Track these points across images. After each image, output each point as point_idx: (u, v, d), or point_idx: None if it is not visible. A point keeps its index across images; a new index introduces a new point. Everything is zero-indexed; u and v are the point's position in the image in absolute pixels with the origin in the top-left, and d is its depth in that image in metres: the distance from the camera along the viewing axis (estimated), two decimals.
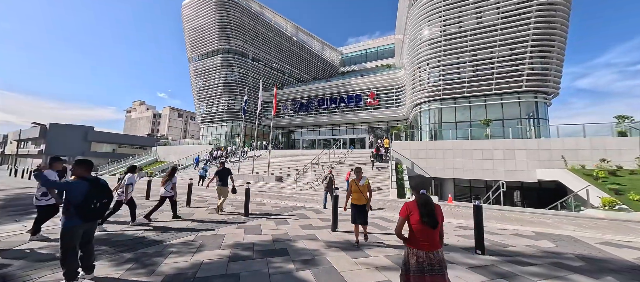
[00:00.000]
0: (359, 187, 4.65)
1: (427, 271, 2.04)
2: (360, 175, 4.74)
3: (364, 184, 4.67)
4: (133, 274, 3.22)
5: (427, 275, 2.04)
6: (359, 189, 4.65)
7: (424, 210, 2.15)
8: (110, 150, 48.45)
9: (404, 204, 2.37)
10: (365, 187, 4.67)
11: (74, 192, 2.89)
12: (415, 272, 2.09)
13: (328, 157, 19.51)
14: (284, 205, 9.22)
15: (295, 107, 32.51)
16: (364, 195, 4.63)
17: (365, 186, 4.67)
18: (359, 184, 4.65)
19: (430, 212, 2.14)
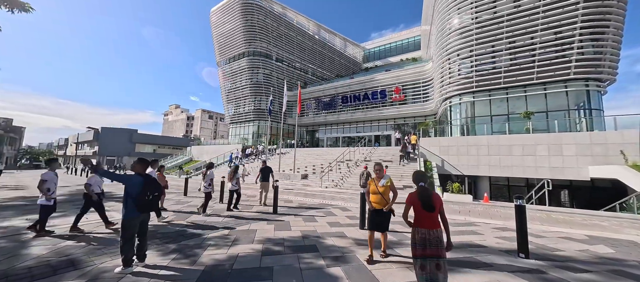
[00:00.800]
0: (378, 188, 3.82)
1: (427, 245, 2.58)
2: (381, 173, 3.91)
3: (385, 185, 3.83)
4: (178, 263, 3.51)
5: (427, 248, 2.57)
6: (379, 191, 3.82)
7: (423, 199, 2.65)
8: (151, 150, 52.97)
9: (408, 195, 2.83)
10: (387, 188, 3.84)
11: (132, 185, 3.24)
12: (420, 245, 2.62)
13: (353, 155, 19.35)
14: (311, 202, 9.35)
15: (318, 105, 32.67)
16: (386, 198, 3.81)
17: (387, 187, 3.84)
18: (379, 184, 3.84)
19: (427, 200, 2.64)
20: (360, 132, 30.48)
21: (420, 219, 2.66)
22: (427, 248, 2.55)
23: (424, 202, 2.64)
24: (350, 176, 15.91)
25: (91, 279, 3.00)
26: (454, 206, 9.15)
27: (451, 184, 12.03)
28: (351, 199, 10.43)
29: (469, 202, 10.74)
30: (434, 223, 2.63)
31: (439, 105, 21.81)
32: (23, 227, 5.10)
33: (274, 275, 3.17)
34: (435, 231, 2.60)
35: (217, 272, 3.25)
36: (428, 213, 2.63)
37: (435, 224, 2.64)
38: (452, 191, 11.62)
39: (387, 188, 3.85)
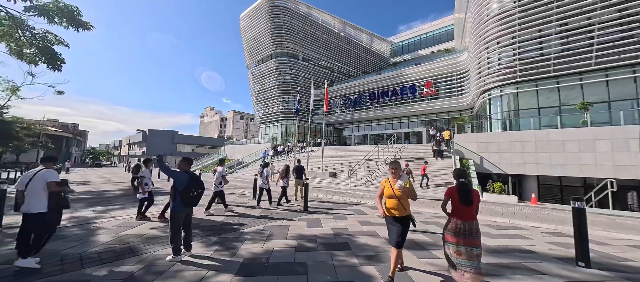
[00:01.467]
0: (395, 190, 3.06)
1: (461, 235, 2.80)
2: (399, 172, 3.16)
3: (403, 186, 3.06)
4: (219, 254, 3.77)
5: (460, 237, 2.79)
6: (395, 194, 3.05)
7: (462, 194, 2.85)
8: (190, 150, 57.38)
9: (448, 188, 3.02)
10: (406, 189, 3.06)
11: (180, 181, 3.55)
12: (451, 232, 2.88)
13: (382, 153, 18.89)
14: (340, 201, 9.35)
15: (345, 103, 32.43)
16: (404, 203, 3.06)
17: (406, 189, 3.06)
18: (396, 186, 3.09)
19: (466, 195, 2.84)
20: (389, 129, 29.61)
21: (456, 211, 2.89)
22: (460, 237, 2.81)
23: (462, 196, 2.85)
24: (379, 174, 15.57)
25: (148, 264, 3.36)
26: (496, 208, 8.46)
27: (491, 184, 11.14)
28: None
29: (514, 203, 9.85)
30: (471, 216, 2.85)
31: (476, 98, 20.28)
32: (91, 217, 5.88)
33: (309, 270, 3.25)
34: (470, 223, 2.83)
35: (255, 265, 3.42)
36: (465, 206, 2.84)
37: (472, 217, 2.86)
38: (493, 190, 10.76)
39: (406, 190, 3.06)
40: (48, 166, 3.60)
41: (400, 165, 3.24)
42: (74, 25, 8.00)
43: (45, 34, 8.44)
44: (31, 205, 3.29)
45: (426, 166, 13.49)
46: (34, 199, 3.31)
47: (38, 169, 3.51)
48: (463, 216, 2.84)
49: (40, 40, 8.24)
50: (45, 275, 3.02)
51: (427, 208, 8.10)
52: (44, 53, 8.31)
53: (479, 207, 3.15)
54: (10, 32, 8.21)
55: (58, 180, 3.53)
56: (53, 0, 7.65)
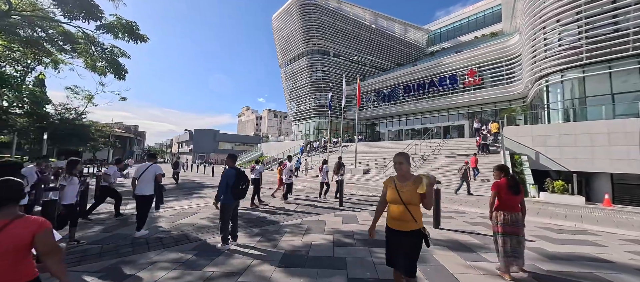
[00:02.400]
0: (400, 194, 2.18)
1: (509, 224, 3.07)
2: (405, 169, 2.26)
3: (414, 188, 2.15)
4: (262, 245, 3.98)
5: (509, 227, 3.07)
6: (401, 198, 2.17)
7: (513, 184, 3.13)
8: (229, 147, 61.49)
9: (494, 183, 3.26)
10: (414, 193, 2.14)
11: (229, 177, 3.87)
12: (502, 224, 3.11)
13: (418, 149, 17.98)
14: (375, 197, 9.17)
15: (378, 97, 31.50)
16: (412, 212, 2.15)
17: (415, 191, 2.14)
18: (403, 188, 2.20)
19: (516, 185, 3.15)
20: (426, 123, 28.00)
21: (505, 203, 3.12)
22: (508, 227, 3.05)
23: (513, 186, 3.11)
24: (416, 170, 14.86)
25: (201, 250, 3.70)
26: (557, 209, 7.46)
27: (550, 182, 9.86)
28: None
29: (581, 204, 8.59)
30: (517, 207, 3.13)
31: (529, 86, 18.03)
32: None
33: (348, 266, 3.25)
34: (517, 214, 3.11)
35: (295, 257, 3.55)
36: (515, 197, 3.09)
37: (517, 208, 3.13)
38: (553, 189, 9.52)
39: (414, 192, 2.12)
40: (154, 161, 4.81)
41: (408, 158, 2.28)
42: (133, 38, 9.19)
43: (111, 48, 9.89)
44: (142, 189, 4.44)
45: (476, 158, 12.52)
46: (145, 184, 4.47)
47: (148, 164, 4.69)
48: (510, 207, 3.10)
49: (108, 54, 9.68)
50: (121, 255, 3.52)
51: (472, 208, 7.50)
52: (111, 65, 9.74)
53: (526, 206, 3.29)
54: (86, 49, 9.80)
55: (162, 173, 4.72)
56: (116, 18, 8.88)
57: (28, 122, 15.57)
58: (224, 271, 3.06)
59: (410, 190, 2.16)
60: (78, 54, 10.23)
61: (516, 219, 3.08)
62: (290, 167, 8.03)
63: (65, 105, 21.32)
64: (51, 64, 10.69)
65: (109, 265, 3.18)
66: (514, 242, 3.01)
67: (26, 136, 17.15)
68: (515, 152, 13.40)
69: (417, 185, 2.16)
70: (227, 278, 2.87)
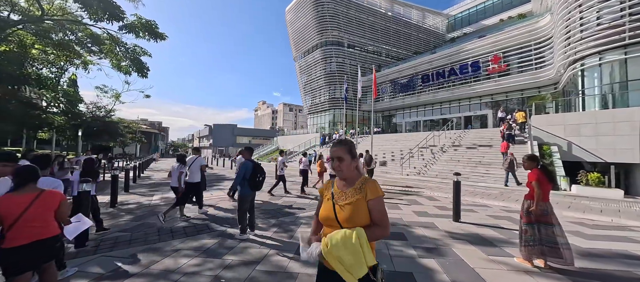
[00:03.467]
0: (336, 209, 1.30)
1: (544, 214, 3.08)
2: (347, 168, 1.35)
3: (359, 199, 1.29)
4: (278, 235, 4.07)
5: (543, 216, 3.07)
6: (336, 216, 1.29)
7: (549, 173, 3.21)
8: (247, 141, 63.03)
9: (534, 171, 3.19)
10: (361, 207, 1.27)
11: (247, 169, 3.97)
12: (537, 214, 3.09)
13: (438, 140, 17.38)
14: (392, 190, 9.02)
15: (395, 88, 30.66)
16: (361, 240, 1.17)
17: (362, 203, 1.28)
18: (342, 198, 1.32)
19: (551, 174, 3.12)
20: (446, 114, 26.93)
21: (545, 194, 3.08)
22: (543, 216, 3.06)
23: (550, 176, 3.17)
24: (435, 162, 14.43)
25: (220, 240, 3.85)
26: (592, 203, 6.94)
27: (584, 174, 9.16)
28: (438, 188, 9.46)
29: (619, 198, 7.94)
30: (547, 196, 3.13)
31: (562, 70, 16.68)
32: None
33: None
34: (546, 203, 3.11)
35: None
36: (551, 187, 3.15)
37: (547, 198, 3.13)
38: (587, 182, 8.85)
39: (362, 210, 1.27)
40: (198, 155, 5.76)
41: (353, 149, 1.40)
42: (153, 37, 9.57)
43: (134, 47, 10.39)
44: (193, 178, 5.34)
45: (507, 143, 12.03)
46: (194, 174, 5.35)
47: (194, 156, 5.61)
48: (546, 197, 3.09)
49: (131, 53, 10.19)
50: (148, 243, 3.75)
51: (495, 200, 7.17)
52: (134, 63, 10.26)
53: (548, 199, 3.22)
54: (111, 49, 10.38)
55: (205, 163, 5.78)
56: (137, 18, 9.27)
57: (64, 121, 16.84)
58: (242, 259, 3.16)
59: (353, 203, 1.28)
60: (105, 54, 10.87)
61: (547, 208, 3.06)
62: (305, 162, 8.45)
63: (95, 103, 22.81)
64: (81, 65, 11.48)
65: (137, 251, 3.40)
66: (549, 232, 2.99)
67: (64, 133, 18.56)
68: (543, 142, 12.56)
69: (363, 189, 1.31)
70: (246, 266, 2.96)
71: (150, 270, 2.88)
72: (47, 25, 9.96)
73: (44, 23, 9.34)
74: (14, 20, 8.56)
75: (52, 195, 2.06)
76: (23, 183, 1.98)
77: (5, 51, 8.80)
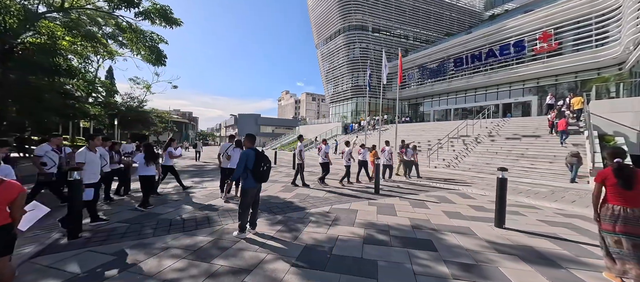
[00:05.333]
0: None
1: (621, 221, 2.42)
2: None
3: None
4: (281, 235, 3.55)
5: (621, 225, 2.42)
6: None
7: (621, 175, 2.46)
8: (270, 130, 64.17)
9: (598, 172, 2.66)
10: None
11: (249, 158, 3.47)
12: (607, 220, 2.52)
13: (471, 130, 15.71)
14: (418, 184, 8.10)
15: (423, 74, 28.48)
16: None
17: None
18: None
19: (626, 177, 2.43)
20: (481, 101, 24.46)
21: (616, 195, 2.51)
22: (621, 224, 2.44)
23: (621, 178, 2.47)
24: (467, 154, 13.01)
25: (217, 238, 3.43)
26: None
27: None
28: (473, 183, 8.34)
29: None
30: (633, 201, 2.44)
31: (631, 47, 13.90)
32: (189, 187, 6.87)
33: (379, 273, 2.57)
34: (634, 209, 2.41)
35: (316, 253, 3.01)
36: (623, 190, 2.47)
37: (635, 203, 2.43)
38: None
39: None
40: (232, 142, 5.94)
41: None
42: (167, 23, 9.45)
43: (151, 34, 10.45)
44: (227, 163, 5.67)
45: (567, 120, 10.62)
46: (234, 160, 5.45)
47: (229, 144, 5.84)
48: (625, 200, 2.45)
49: (149, 41, 10.25)
50: (142, 236, 3.45)
51: (545, 201, 6.00)
52: (152, 51, 10.32)
53: None
54: (131, 37, 10.52)
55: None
56: (152, 4, 9.17)
57: (101, 110, 17.99)
58: (232, 265, 2.68)
59: None
60: (126, 42, 11.07)
61: (635, 215, 2.40)
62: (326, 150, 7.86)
63: (129, 94, 24.22)
64: (107, 56, 11.89)
65: (125, 247, 3.09)
66: (629, 245, 2.37)
67: (102, 123, 19.94)
68: (605, 132, 10.59)
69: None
70: (233, 276, 2.47)
71: (128, 272, 2.51)
72: (75, 18, 10.32)
73: (71, 14, 9.63)
74: (41, 12, 8.89)
75: (11, 186, 1.91)
76: None
77: (38, 43, 9.24)
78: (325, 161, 7.68)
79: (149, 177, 4.85)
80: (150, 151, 4.92)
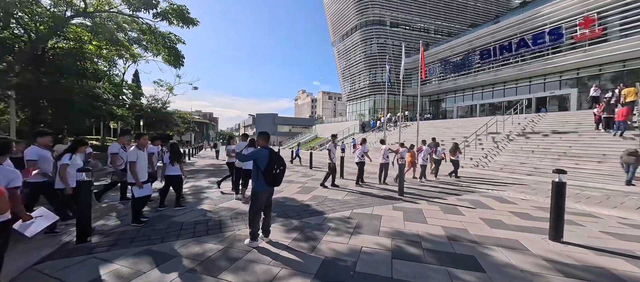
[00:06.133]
0: None
1: None
2: None
3: None
4: (298, 246, 3.17)
5: None
6: None
7: None
8: (287, 130, 64.61)
9: None
10: None
11: (261, 158, 3.15)
12: None
13: (502, 126, 14.51)
14: (445, 186, 7.43)
15: (445, 68, 27.03)
16: None
17: None
18: None
19: None
20: (510, 95, 22.71)
21: None
22: None
23: None
24: (498, 153, 11.97)
25: (227, 246, 3.14)
26: None
27: None
28: (508, 186, 7.53)
29: None
30: None
31: None
32: (205, 187, 6.75)
33: None
34: None
35: (337, 269, 2.61)
36: None
37: None
38: None
39: None
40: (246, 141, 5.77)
41: None
42: (184, 23, 9.50)
43: (169, 34, 10.62)
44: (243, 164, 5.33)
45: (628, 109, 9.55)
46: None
47: (245, 143, 5.68)
48: None
49: (167, 41, 10.42)
50: (151, 242, 3.24)
51: (603, 207, 5.15)
52: (171, 53, 10.49)
53: None
54: (151, 39, 10.76)
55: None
56: (169, 4, 9.26)
57: (128, 112, 18.81)
58: (241, 281, 2.35)
59: None
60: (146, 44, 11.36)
61: None
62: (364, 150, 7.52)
63: (154, 96, 25.25)
64: (130, 58, 12.31)
65: (130, 255, 2.87)
66: None
67: (129, 123, 20.91)
68: None
69: None
70: None
71: None
72: (101, 22, 10.71)
73: (95, 18, 9.98)
74: (68, 16, 9.28)
75: None
76: None
77: (66, 48, 9.66)
78: (361, 160, 7.32)
79: (174, 176, 4.82)
80: (176, 151, 4.91)
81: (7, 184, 2.13)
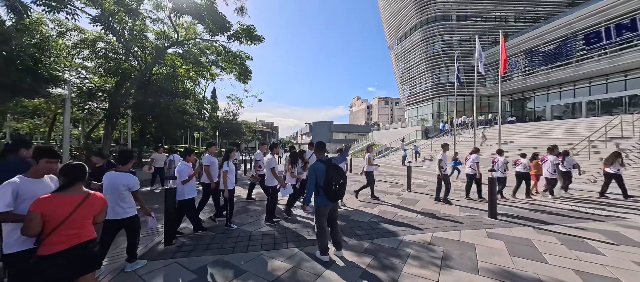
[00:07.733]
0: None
1: None
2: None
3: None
4: (375, 272, 2.72)
5: None
6: None
7: None
8: (343, 137, 64.74)
9: None
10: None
11: (319, 173, 2.97)
12: None
13: (630, 129, 10.94)
14: (549, 206, 5.76)
15: (532, 61, 22.53)
16: None
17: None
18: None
19: None
20: (632, 88, 17.23)
21: None
22: None
23: None
24: (628, 165, 8.98)
25: (296, 264, 2.92)
26: None
27: None
28: None
29: None
30: None
31: None
32: None
33: None
34: None
35: None
36: None
37: None
38: None
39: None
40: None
41: None
42: (252, 40, 10.40)
43: (240, 53, 11.83)
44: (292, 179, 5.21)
45: None
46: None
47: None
48: None
49: (239, 59, 11.64)
50: (223, 251, 3.30)
51: None
52: (241, 70, 11.67)
53: None
54: (225, 59, 12.21)
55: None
56: (239, 25, 10.30)
57: (207, 124, 21.87)
58: None
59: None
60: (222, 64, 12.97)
61: None
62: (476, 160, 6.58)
63: (227, 110, 28.85)
64: (210, 77, 14.28)
65: (206, 263, 2.93)
66: None
67: (208, 133, 24.30)
68: None
69: None
70: None
71: None
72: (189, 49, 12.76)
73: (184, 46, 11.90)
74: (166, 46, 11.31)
75: (99, 199, 1.88)
76: (70, 183, 1.79)
77: (164, 73, 11.78)
78: (473, 172, 6.47)
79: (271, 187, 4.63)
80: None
81: (130, 187, 2.75)
